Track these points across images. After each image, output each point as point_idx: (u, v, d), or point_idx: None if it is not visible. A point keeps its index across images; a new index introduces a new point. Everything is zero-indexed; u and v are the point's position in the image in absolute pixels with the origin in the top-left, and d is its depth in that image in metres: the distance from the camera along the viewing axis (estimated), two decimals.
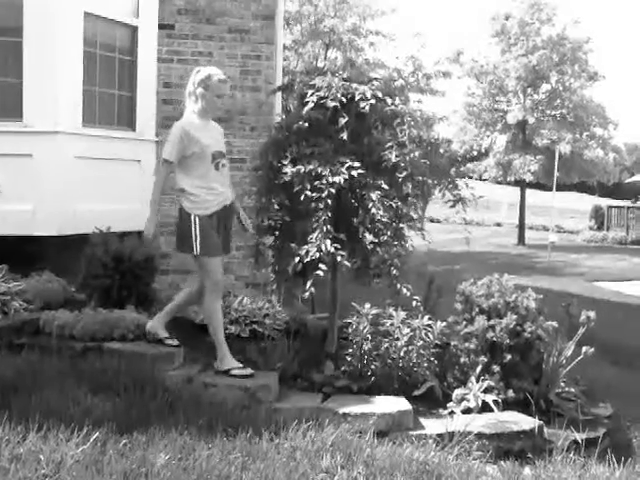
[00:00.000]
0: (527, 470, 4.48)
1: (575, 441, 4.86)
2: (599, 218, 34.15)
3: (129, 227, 7.04)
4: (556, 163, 24.16)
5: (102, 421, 4.09)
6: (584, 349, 5.52)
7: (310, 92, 5.57)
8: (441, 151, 5.78)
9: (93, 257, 6.22)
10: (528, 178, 26.61)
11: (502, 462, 4.54)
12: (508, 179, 27.98)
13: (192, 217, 5.09)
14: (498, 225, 36.27)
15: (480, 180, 28.86)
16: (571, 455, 4.71)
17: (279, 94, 7.72)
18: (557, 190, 25.31)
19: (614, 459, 4.76)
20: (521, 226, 28.10)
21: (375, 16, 20.04)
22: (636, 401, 6.52)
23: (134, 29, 7.36)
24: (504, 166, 27.39)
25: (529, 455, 4.69)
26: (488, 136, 28.72)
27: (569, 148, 25.71)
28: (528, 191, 29.33)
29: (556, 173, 24.48)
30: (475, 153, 28.85)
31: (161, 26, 7.57)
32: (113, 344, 5.32)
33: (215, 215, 5.20)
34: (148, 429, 4.13)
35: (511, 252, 24.14)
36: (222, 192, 5.26)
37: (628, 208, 32.93)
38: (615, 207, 34.28)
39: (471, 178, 27.75)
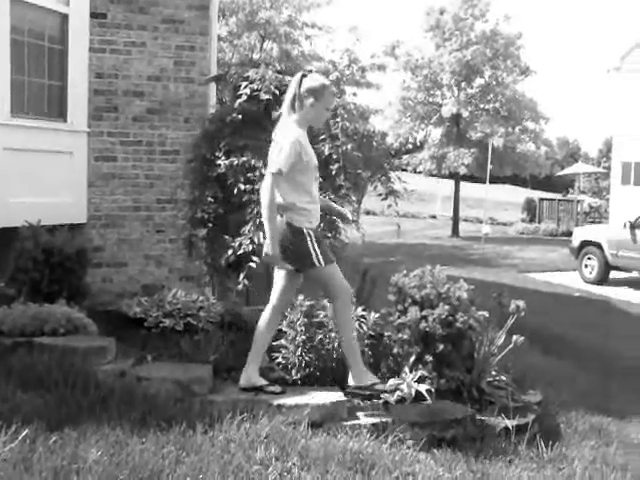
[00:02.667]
0: (459, 457, 4.55)
1: (506, 427, 4.97)
2: (531, 210, 34.93)
3: (61, 220, 6.91)
4: (489, 156, 24.60)
5: (32, 418, 4.02)
6: (514, 338, 5.63)
7: (244, 84, 5.57)
8: (374, 144, 5.84)
9: (23, 251, 6.10)
10: (462, 171, 26.99)
11: (435, 450, 4.60)
12: (442, 172, 28.35)
13: (305, 231, 4.78)
14: (433, 217, 36.74)
15: (415, 173, 29.17)
16: (502, 441, 4.83)
17: (214, 86, 7.67)
18: (490, 183, 25.78)
19: (543, 443, 4.92)
20: (455, 218, 28.51)
21: (311, 8, 20.03)
22: (564, 387, 6.70)
23: (64, 17, 7.18)
24: (438, 159, 27.73)
25: (462, 442, 4.77)
26: (423, 129, 29.08)
27: (502, 142, 26.17)
28: (462, 184, 29.76)
29: (489, 166, 24.93)
30: (410, 146, 29.16)
31: (93, 15, 7.40)
32: (44, 339, 5.21)
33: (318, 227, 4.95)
34: (80, 425, 4.07)
35: (445, 244, 24.47)
36: (318, 204, 5.02)
37: (559, 201, 33.78)
38: (546, 200, 35.10)
39: (406, 171, 28.04)
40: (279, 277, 4.94)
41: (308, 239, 4.77)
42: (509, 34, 27.37)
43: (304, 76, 4.88)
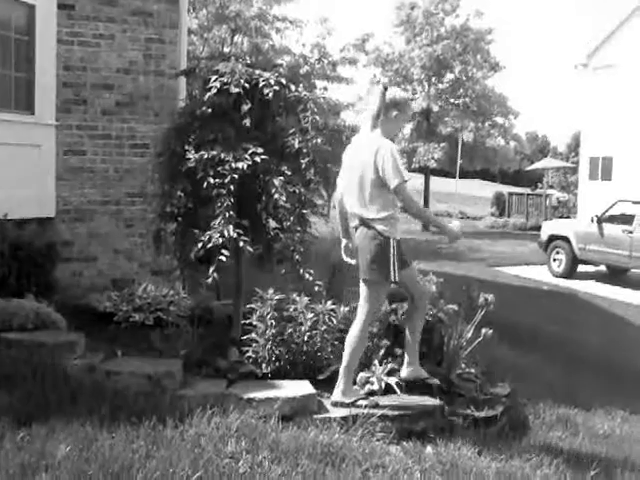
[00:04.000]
0: (429, 449, 4.59)
1: (475, 419, 5.02)
2: (500, 205, 35.17)
3: (29, 214, 6.84)
4: (459, 151, 24.74)
5: None
6: (483, 331, 5.69)
7: (213, 78, 5.54)
8: (344, 138, 5.84)
9: None
10: (432, 165, 27.08)
11: (405, 442, 4.64)
12: (413, 166, 28.41)
13: (392, 241, 4.76)
14: (405, 211, 36.80)
15: None
16: (471, 433, 4.88)
17: (184, 79, 7.63)
18: (460, 177, 25.93)
19: (511, 435, 4.97)
20: None
21: (281, 1, 19.99)
22: (532, 379, 6.78)
23: (31, 8, 7.07)
24: (409, 153, 27.77)
25: (431, 434, 4.80)
26: None
27: (472, 136, 26.31)
28: (432, 178, 29.86)
29: (459, 161, 25.07)
30: None
31: (60, 6, 7.30)
32: (11, 334, 5.15)
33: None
34: (48, 420, 4.04)
35: (417, 238, 24.49)
36: None
37: (527, 195, 34.07)
38: (515, 194, 35.38)
39: None
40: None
41: (392, 250, 4.75)
42: (479, 29, 27.50)
43: (385, 89, 4.91)
